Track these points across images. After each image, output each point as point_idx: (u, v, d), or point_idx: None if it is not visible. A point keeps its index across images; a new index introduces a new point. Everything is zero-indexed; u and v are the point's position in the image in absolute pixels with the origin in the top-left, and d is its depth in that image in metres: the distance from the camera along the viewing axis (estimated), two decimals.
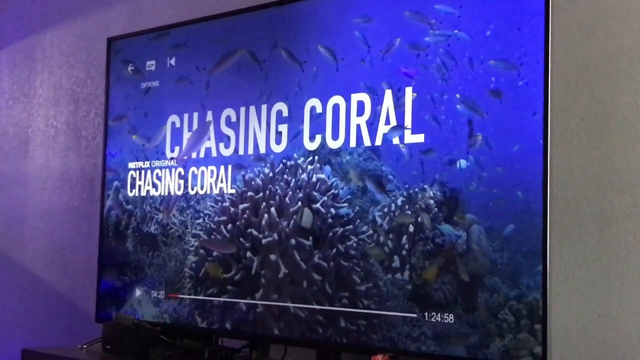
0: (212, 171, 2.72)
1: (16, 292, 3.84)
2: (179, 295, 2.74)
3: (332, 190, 2.36)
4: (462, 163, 2.10)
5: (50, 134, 3.78)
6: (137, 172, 2.95)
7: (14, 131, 3.98)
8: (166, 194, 2.84)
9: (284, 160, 2.50)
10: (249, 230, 2.56)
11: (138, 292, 2.86)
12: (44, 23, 3.86)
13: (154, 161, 2.90)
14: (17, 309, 3.81)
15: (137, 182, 2.94)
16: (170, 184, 2.84)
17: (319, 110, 2.44)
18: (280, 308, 2.45)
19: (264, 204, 2.53)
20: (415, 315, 2.16)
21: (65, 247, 3.64)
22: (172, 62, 2.87)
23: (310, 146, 2.44)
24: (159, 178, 2.88)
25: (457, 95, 2.13)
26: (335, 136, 2.39)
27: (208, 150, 2.73)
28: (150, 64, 2.94)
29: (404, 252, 2.20)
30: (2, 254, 3.93)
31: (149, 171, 2.91)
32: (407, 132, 2.22)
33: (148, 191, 2.90)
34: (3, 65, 4.09)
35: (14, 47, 4.03)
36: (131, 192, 2.95)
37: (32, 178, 3.85)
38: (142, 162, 2.93)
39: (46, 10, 3.87)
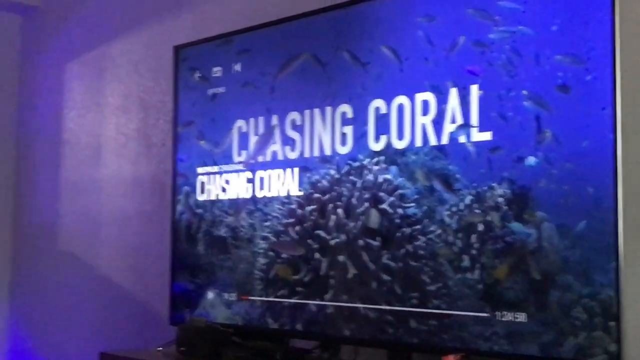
0: (278, 174, 2.73)
1: (92, 296, 3.92)
2: (250, 297, 2.76)
3: (399, 191, 2.34)
4: (531, 160, 2.07)
5: (121, 141, 3.85)
6: (206, 176, 2.98)
7: (86, 139, 4.06)
8: (235, 197, 2.86)
9: (349, 162, 2.50)
10: (316, 231, 2.56)
11: (210, 295, 2.89)
12: (113, 33, 3.94)
13: (222, 166, 2.93)
14: (93, 313, 3.90)
15: (207, 187, 2.98)
16: (238, 187, 2.86)
17: (383, 110, 2.42)
18: (350, 309, 2.45)
19: (330, 205, 2.53)
20: (486, 315, 2.13)
21: (138, 251, 3.71)
22: (238, 67, 2.89)
23: (376, 147, 2.43)
24: (227, 182, 2.90)
25: (524, 92, 2.09)
26: (400, 136, 2.37)
27: (274, 153, 2.75)
28: (217, 70, 2.97)
29: (473, 251, 2.17)
30: (78, 259, 4.03)
31: (217, 175, 2.94)
32: (474, 130, 2.19)
33: (217, 195, 2.93)
34: (74, 76, 4.18)
35: (84, 58, 4.12)
36: (201, 196, 2.99)
37: (105, 184, 3.93)
38: (211, 167, 2.96)
39: (114, 21, 3.95)
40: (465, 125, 2.21)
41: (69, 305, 4.05)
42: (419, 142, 2.32)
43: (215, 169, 2.95)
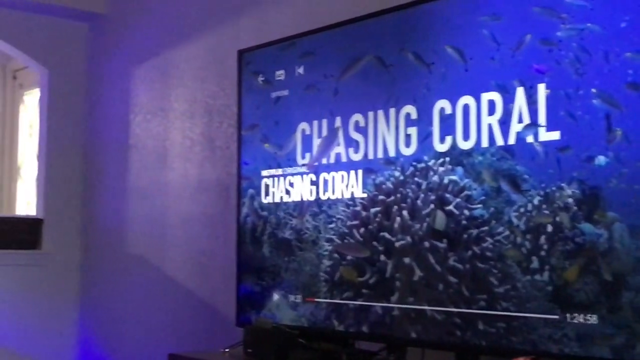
0: (342, 176, 2.73)
1: (159, 297, 3.99)
2: (316, 299, 2.76)
3: (465, 192, 2.32)
4: (601, 159, 2.03)
5: (186, 145, 3.91)
6: (271, 179, 3.00)
7: (152, 144, 4.13)
8: (299, 200, 2.88)
9: (414, 163, 2.49)
10: (381, 233, 2.56)
11: (276, 296, 2.91)
12: (177, 39, 4.00)
13: (286, 168, 2.94)
14: (161, 315, 3.96)
15: (271, 189, 3.00)
16: (302, 190, 2.87)
17: (448, 111, 2.41)
18: (416, 311, 2.43)
19: (395, 207, 2.52)
20: (556, 317, 2.10)
21: (203, 254, 3.75)
22: (301, 70, 2.91)
23: (441, 148, 2.42)
24: (291, 185, 2.92)
25: (593, 90, 2.05)
26: (466, 137, 2.35)
27: (338, 155, 2.75)
28: (280, 74, 2.98)
29: (542, 253, 2.13)
30: (146, 261, 4.09)
31: (281, 178, 2.95)
32: (542, 130, 2.16)
33: (281, 197, 2.95)
34: (140, 82, 4.26)
35: (150, 63, 4.19)
36: (265, 199, 3.01)
37: (171, 188, 3.99)
38: (275, 170, 2.98)
39: (179, 27, 4.01)
40: (533, 125, 2.18)
41: (137, 307, 4.12)
42: (485, 143, 2.30)
43: (279, 171, 2.97)
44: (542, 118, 2.16)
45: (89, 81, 4.64)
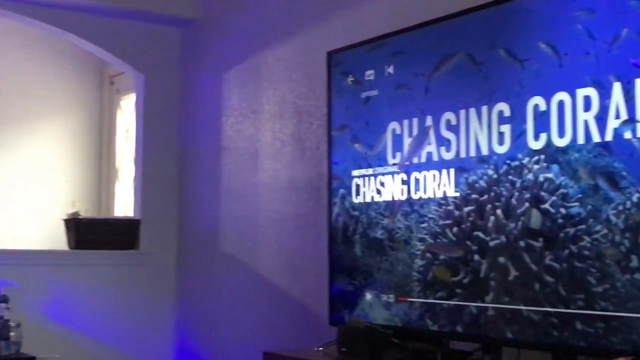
0: (434, 175, 2.72)
1: (252, 296, 4.05)
2: (409, 299, 2.76)
3: (561, 190, 2.28)
4: None
5: (276, 146, 3.95)
6: (361, 179, 3.01)
7: (244, 145, 4.20)
8: (390, 199, 2.87)
9: (507, 161, 2.45)
10: (475, 233, 2.53)
11: (368, 296, 2.91)
12: (268, 42, 4.05)
13: (376, 168, 2.94)
14: (254, 313, 4.02)
15: (362, 189, 3.00)
16: (393, 189, 2.87)
17: (542, 108, 2.36)
18: (512, 311, 2.40)
19: (489, 206, 2.49)
20: None
21: (295, 253, 3.79)
22: (391, 70, 2.91)
23: (535, 145, 2.38)
24: (382, 184, 2.92)
25: None
26: (561, 134, 2.31)
27: (429, 154, 2.74)
28: (369, 74, 2.99)
29: None
30: (239, 260, 4.16)
31: (372, 178, 2.96)
32: None
33: (372, 197, 2.95)
34: (231, 85, 4.34)
35: (241, 66, 4.26)
36: (356, 198, 3.02)
37: (262, 188, 4.04)
38: (365, 170, 2.99)
39: (269, 30, 4.06)
40: (631, 121, 2.12)
41: (231, 305, 4.20)
42: (581, 140, 2.25)
43: (369, 171, 2.97)
44: None
45: (182, 85, 4.75)
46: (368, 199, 2.97)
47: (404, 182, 2.83)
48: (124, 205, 5.76)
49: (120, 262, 4.53)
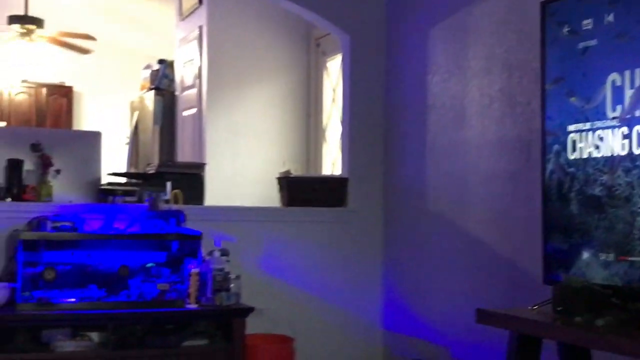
0: None
1: (461, 254, 4.02)
2: (629, 258, 2.62)
3: None
4: None
5: (484, 102, 3.88)
6: (578, 134, 2.88)
7: (450, 103, 4.15)
8: (609, 155, 2.73)
9: None
10: None
11: (585, 255, 2.80)
12: None
13: (594, 122, 2.81)
14: (463, 270, 4.00)
15: (578, 145, 2.88)
16: (613, 144, 2.72)
17: None
18: None
19: None
20: None
21: (504, 212, 3.72)
22: (611, 18, 2.74)
23: None
24: (601, 139, 2.78)
25: None
26: None
27: None
28: (587, 23, 2.84)
29: None
30: (446, 219, 4.15)
31: (589, 133, 2.83)
32: None
33: (590, 153, 2.82)
34: (437, 41, 4.29)
35: (447, 22, 4.20)
36: (572, 155, 2.90)
37: (469, 146, 3.99)
38: (582, 124, 2.86)
39: None
40: None
41: (439, 263, 4.20)
42: None
43: (587, 125, 2.84)
44: None
45: (387, 44, 4.76)
46: (585, 155, 2.84)
47: (625, 137, 2.68)
48: (331, 164, 5.91)
49: (330, 219, 4.66)
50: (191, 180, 4.53)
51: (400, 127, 4.63)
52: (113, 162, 6.94)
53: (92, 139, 4.63)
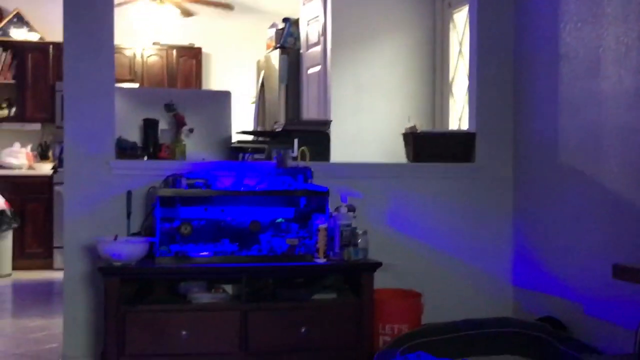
0: None
1: (595, 209, 3.90)
2: None
3: None
4: None
5: (620, 51, 3.71)
6: None
7: (583, 52, 4.00)
8: None
9: None
10: None
11: None
12: None
13: None
14: (597, 226, 3.87)
15: None
16: None
17: None
18: None
19: None
20: None
21: None
22: None
23: None
24: None
25: None
26: None
27: None
28: None
29: None
30: (580, 173, 4.02)
31: None
32: None
33: None
34: None
35: None
36: None
37: (604, 97, 3.83)
38: None
39: None
40: None
41: (572, 218, 4.09)
42: None
43: None
44: None
45: None
46: None
47: None
48: (457, 119, 5.83)
49: (457, 175, 4.61)
50: (317, 137, 4.57)
51: (530, 78, 4.50)
52: (241, 121, 7.13)
53: (223, 98, 4.76)
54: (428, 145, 4.62)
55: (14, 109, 8.54)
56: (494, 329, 3.90)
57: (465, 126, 5.20)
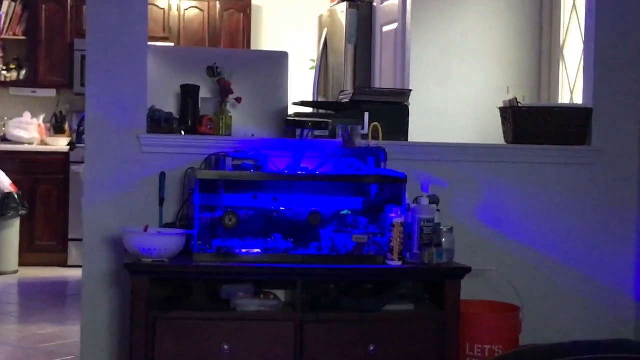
0: None
1: None
2: None
3: None
4: None
5: None
6: None
7: None
8: None
9: None
10: None
11: None
12: None
13: None
14: None
15: None
16: None
17: None
18: None
19: None
20: None
21: None
22: None
23: None
24: None
25: None
26: None
27: None
28: None
29: None
30: None
31: None
32: None
33: None
34: None
35: None
36: None
37: None
38: None
39: None
40: None
41: None
42: None
43: None
44: None
45: None
46: None
47: None
48: (568, 92, 5.77)
49: (568, 160, 4.57)
50: (394, 110, 4.57)
51: None
52: (299, 90, 7.15)
53: (278, 61, 4.76)
54: (532, 123, 4.58)
55: (24, 72, 8.70)
56: (611, 354, 3.85)
57: (579, 100, 5.13)
